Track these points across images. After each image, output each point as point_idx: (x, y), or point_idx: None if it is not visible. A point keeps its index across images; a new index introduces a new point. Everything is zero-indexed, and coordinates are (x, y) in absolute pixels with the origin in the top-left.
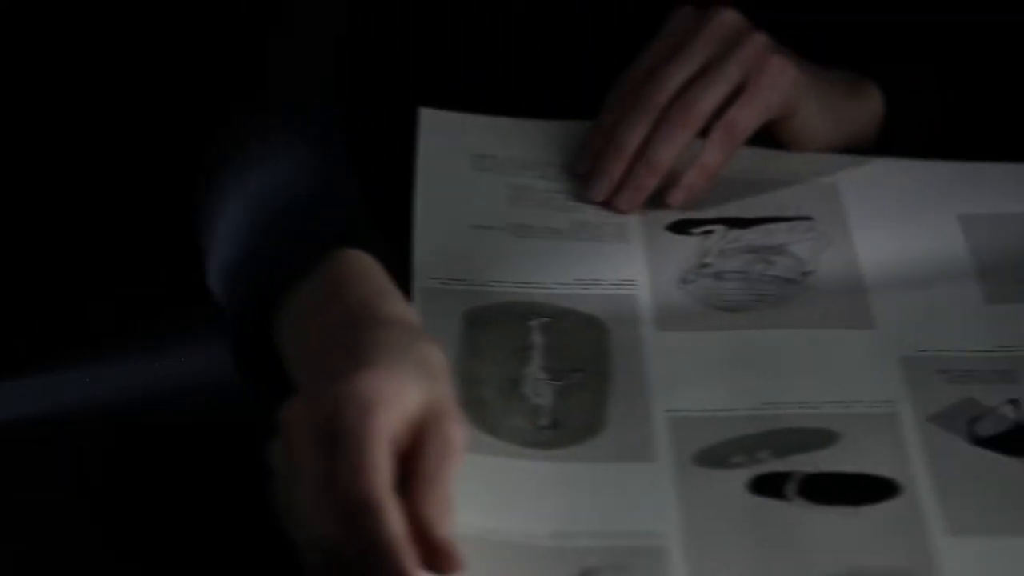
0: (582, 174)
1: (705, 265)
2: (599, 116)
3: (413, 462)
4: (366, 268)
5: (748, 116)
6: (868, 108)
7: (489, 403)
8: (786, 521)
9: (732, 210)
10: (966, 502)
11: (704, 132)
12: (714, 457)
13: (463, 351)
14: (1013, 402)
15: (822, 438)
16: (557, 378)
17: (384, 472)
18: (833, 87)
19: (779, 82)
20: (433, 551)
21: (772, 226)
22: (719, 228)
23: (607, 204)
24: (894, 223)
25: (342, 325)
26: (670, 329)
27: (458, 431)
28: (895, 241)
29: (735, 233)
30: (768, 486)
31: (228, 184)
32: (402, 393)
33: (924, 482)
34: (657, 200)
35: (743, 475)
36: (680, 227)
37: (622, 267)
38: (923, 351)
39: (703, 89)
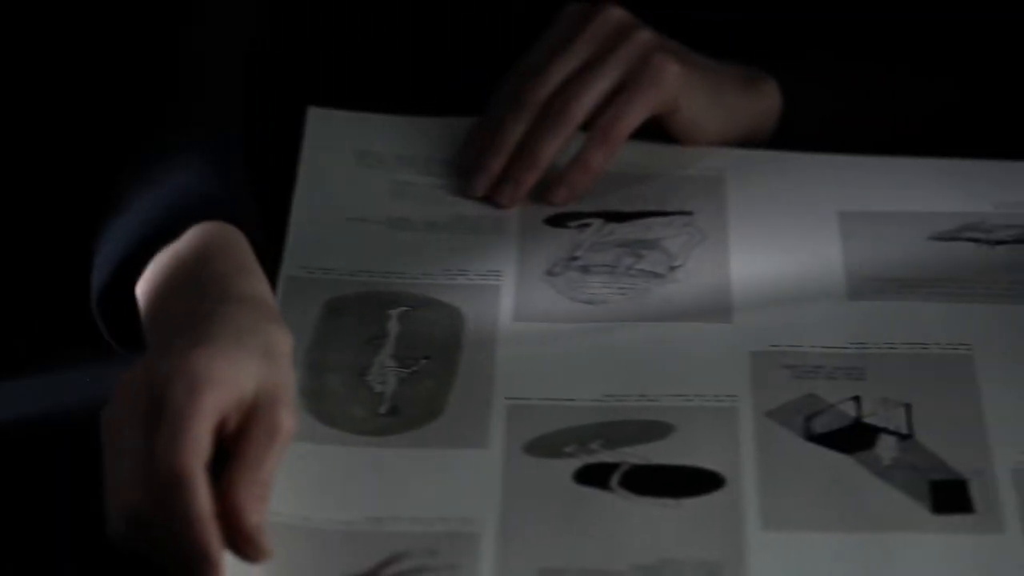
0: (464, 169)
1: (575, 258)
2: (484, 112)
3: (237, 445)
4: (231, 243)
5: (628, 113)
6: (764, 103)
7: (332, 391)
8: (604, 511)
9: (613, 204)
10: (786, 497)
11: (588, 128)
12: (547, 446)
13: (317, 339)
14: (856, 399)
15: (657, 430)
16: (404, 366)
17: (201, 449)
18: (726, 82)
19: (661, 78)
20: (240, 535)
21: (650, 220)
22: (596, 222)
23: (488, 199)
24: (774, 218)
25: (194, 297)
26: (526, 320)
27: (288, 419)
28: (771, 237)
29: (611, 227)
30: (593, 476)
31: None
32: (236, 375)
33: (749, 476)
34: (540, 195)
35: (572, 465)
36: (558, 220)
37: (491, 259)
38: (774, 346)
39: (582, 85)
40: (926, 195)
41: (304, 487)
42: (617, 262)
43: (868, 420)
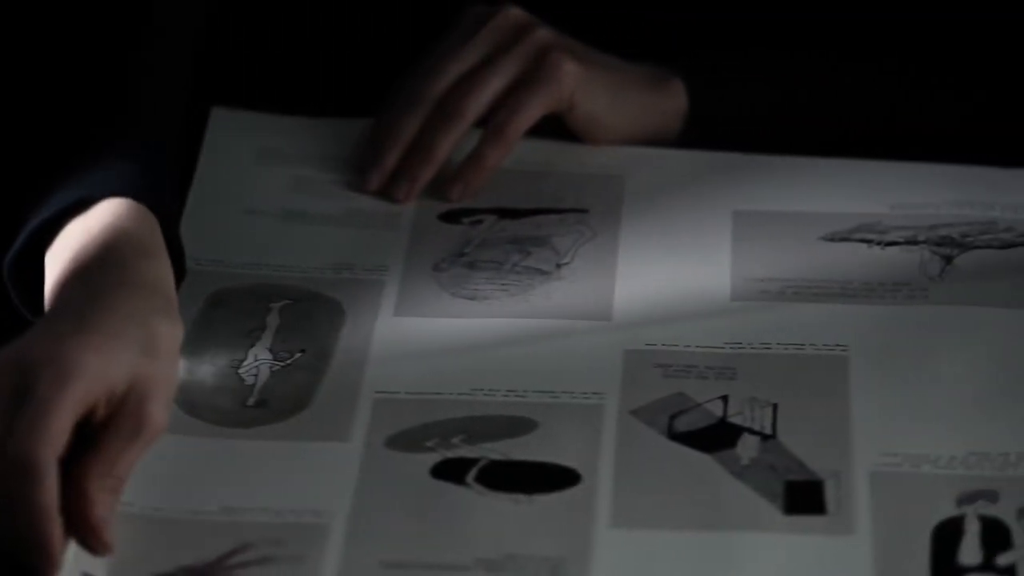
0: (360, 166)
1: (463, 254)
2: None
3: (99, 436)
4: (142, 225)
5: (522, 111)
6: (669, 103)
7: (201, 383)
8: (457, 506)
9: (508, 200)
10: (640, 495)
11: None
12: (408, 440)
13: (194, 331)
14: (723, 399)
15: (521, 426)
16: (278, 359)
17: (58, 441)
18: (629, 81)
19: (556, 76)
20: (84, 526)
21: (543, 218)
22: (489, 218)
23: (384, 194)
24: (668, 217)
25: (93, 275)
26: (406, 315)
27: (158, 414)
28: (663, 235)
29: (504, 224)
30: (450, 471)
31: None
32: (108, 367)
33: (605, 474)
34: (437, 191)
35: (432, 459)
36: (451, 216)
37: (379, 254)
38: (649, 345)
39: (477, 82)
40: (823, 195)
41: (159, 477)
42: (504, 259)
43: (732, 420)
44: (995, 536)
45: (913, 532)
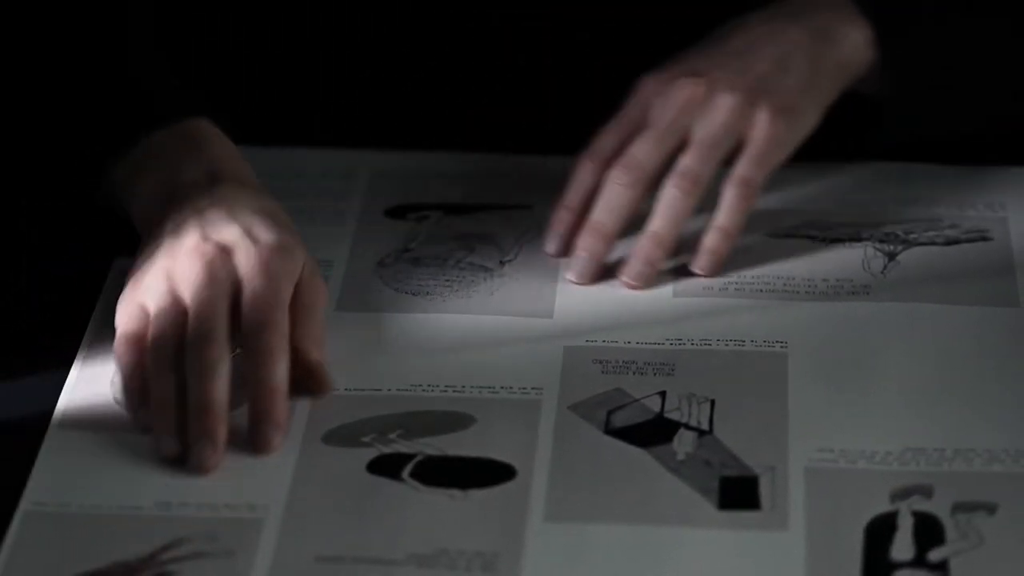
0: (552, 254)
1: (407, 250)
2: (567, 192)
3: (294, 300)
4: (219, 133)
5: (759, 171)
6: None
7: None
8: (391, 501)
9: (456, 196)
10: (574, 490)
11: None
12: (345, 435)
13: None
14: (661, 394)
15: (458, 422)
16: None
17: (287, 301)
18: (804, 86)
19: (787, 126)
20: (306, 370)
21: (489, 214)
22: (435, 214)
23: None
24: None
25: (213, 182)
26: (348, 310)
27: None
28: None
29: (449, 220)
30: (386, 466)
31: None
32: (301, 246)
33: (540, 469)
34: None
35: (368, 455)
36: (398, 212)
37: (323, 250)
38: (589, 341)
39: (700, 161)
40: (770, 192)
41: (94, 475)
42: (449, 255)
43: (669, 415)
44: (928, 532)
45: (846, 527)
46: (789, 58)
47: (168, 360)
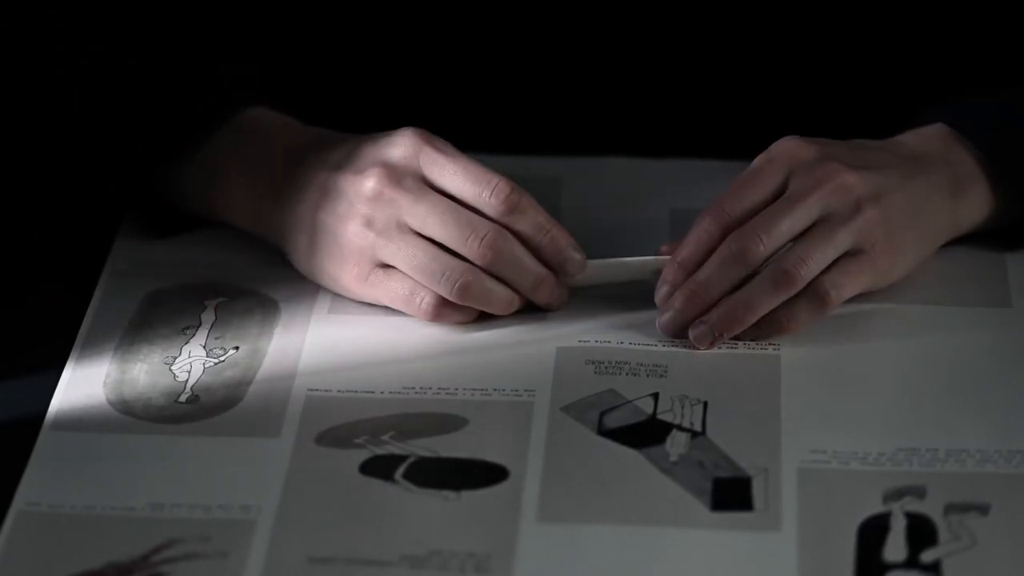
0: (658, 304)
1: None
2: (684, 245)
3: None
4: (285, 120)
5: (850, 289)
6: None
7: (134, 380)
8: (384, 503)
9: None
10: (567, 490)
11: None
12: (339, 437)
13: (130, 330)
14: (654, 396)
15: (451, 423)
16: (212, 355)
17: None
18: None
19: (891, 263)
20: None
21: None
22: None
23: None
24: (606, 217)
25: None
26: (341, 312)
27: None
28: (600, 233)
29: None
30: (379, 468)
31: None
32: None
33: (533, 470)
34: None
35: (361, 456)
36: None
37: None
38: (582, 342)
39: (814, 259)
40: None
41: (90, 477)
42: None
43: (662, 416)
44: (921, 532)
45: (839, 528)
46: (927, 201)
47: None
